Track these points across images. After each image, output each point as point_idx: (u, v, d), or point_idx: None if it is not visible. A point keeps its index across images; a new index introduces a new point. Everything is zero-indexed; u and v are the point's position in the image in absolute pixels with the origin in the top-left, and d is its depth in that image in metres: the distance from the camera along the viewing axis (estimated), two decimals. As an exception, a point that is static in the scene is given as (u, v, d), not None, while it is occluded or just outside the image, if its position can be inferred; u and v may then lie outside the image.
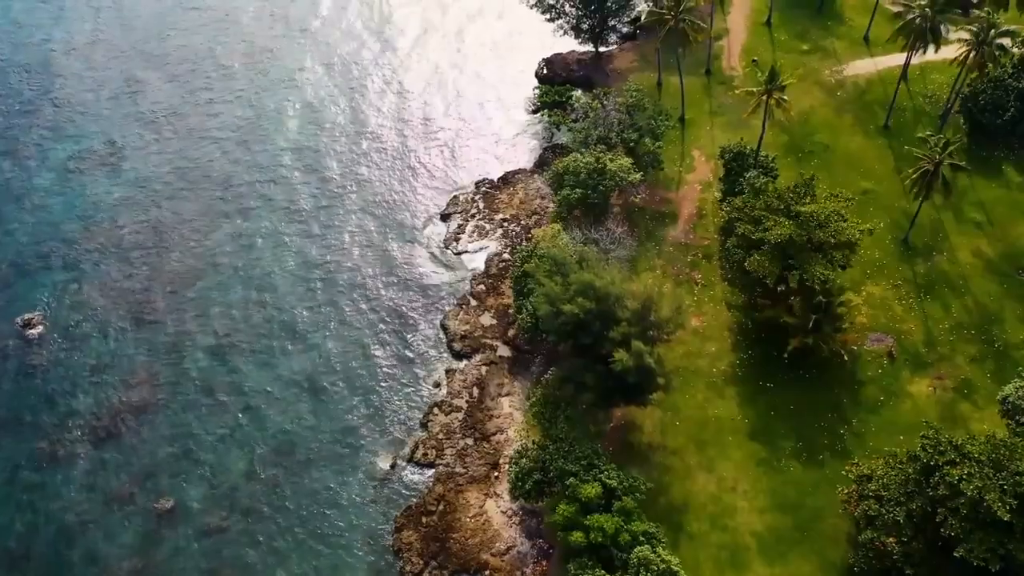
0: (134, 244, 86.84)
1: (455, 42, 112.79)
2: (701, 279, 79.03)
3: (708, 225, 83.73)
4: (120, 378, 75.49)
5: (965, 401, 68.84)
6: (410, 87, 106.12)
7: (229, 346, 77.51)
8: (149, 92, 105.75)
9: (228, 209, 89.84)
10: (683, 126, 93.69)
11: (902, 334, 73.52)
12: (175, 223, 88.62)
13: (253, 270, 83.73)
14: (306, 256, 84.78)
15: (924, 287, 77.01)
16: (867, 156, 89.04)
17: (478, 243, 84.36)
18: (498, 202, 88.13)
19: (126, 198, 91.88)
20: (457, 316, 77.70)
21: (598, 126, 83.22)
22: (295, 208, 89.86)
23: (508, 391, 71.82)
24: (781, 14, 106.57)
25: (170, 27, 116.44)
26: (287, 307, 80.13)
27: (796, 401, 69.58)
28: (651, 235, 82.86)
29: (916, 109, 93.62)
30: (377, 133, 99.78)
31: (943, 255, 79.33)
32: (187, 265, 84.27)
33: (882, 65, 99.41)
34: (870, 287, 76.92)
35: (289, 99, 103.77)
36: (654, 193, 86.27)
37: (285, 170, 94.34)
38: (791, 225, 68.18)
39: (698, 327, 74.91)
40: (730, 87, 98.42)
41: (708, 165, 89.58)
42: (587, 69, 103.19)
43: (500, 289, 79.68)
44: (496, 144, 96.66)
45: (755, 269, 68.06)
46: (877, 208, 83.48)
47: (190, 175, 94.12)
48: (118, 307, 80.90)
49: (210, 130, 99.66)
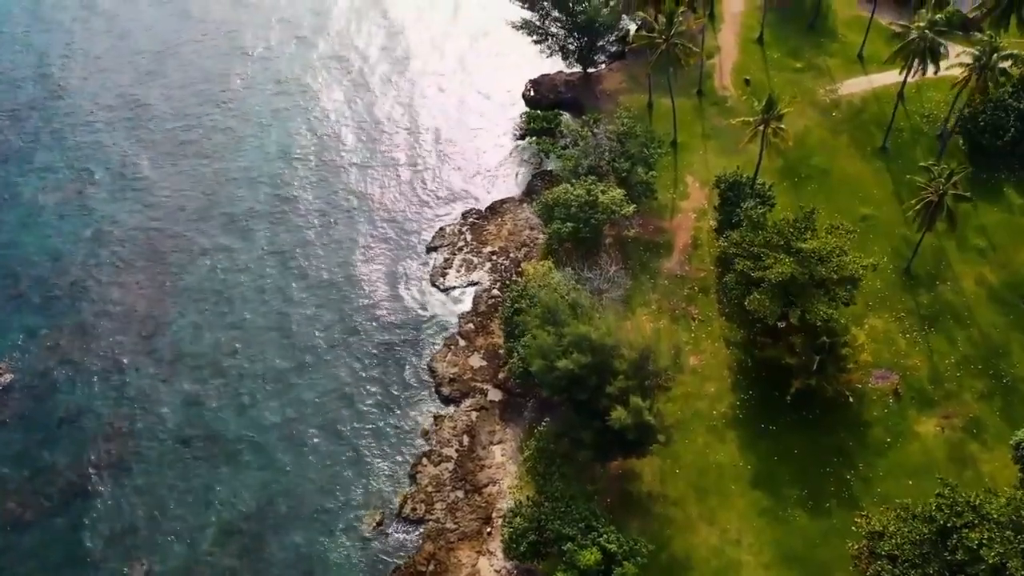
0: (108, 283, 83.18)
1: (439, 64, 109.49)
2: (698, 314, 76.20)
3: (704, 256, 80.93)
4: (92, 430, 71.91)
5: (974, 441, 66.33)
6: (393, 112, 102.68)
7: (205, 394, 74.02)
8: (125, 118, 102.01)
9: (205, 245, 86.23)
10: (675, 150, 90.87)
11: (907, 370, 70.95)
12: (150, 261, 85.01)
13: (230, 311, 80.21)
14: (286, 295, 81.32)
15: (928, 319, 74.49)
16: (865, 180, 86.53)
17: (466, 278, 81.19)
18: (486, 233, 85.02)
19: (100, 233, 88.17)
20: (445, 358, 74.53)
21: (588, 155, 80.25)
22: (274, 244, 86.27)
23: (500, 439, 68.73)
24: (773, 31, 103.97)
25: (149, 46, 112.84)
26: (266, 352, 76.66)
27: (800, 444, 66.86)
28: (645, 267, 79.97)
29: (914, 129, 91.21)
30: (359, 161, 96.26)
31: (946, 284, 76.85)
32: (162, 306, 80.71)
33: (877, 83, 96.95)
34: (872, 319, 74.36)
35: (264, 129, 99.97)
36: (647, 222, 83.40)
37: (263, 203, 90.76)
38: (791, 263, 65.52)
39: (696, 366, 72.06)
40: (723, 108, 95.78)
41: (702, 192, 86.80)
42: (575, 90, 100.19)
43: (489, 328, 76.57)
44: (483, 171, 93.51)
45: (755, 309, 65.43)
46: (877, 235, 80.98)
47: (166, 208, 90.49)
48: (91, 353, 77.26)
49: (185, 161, 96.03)
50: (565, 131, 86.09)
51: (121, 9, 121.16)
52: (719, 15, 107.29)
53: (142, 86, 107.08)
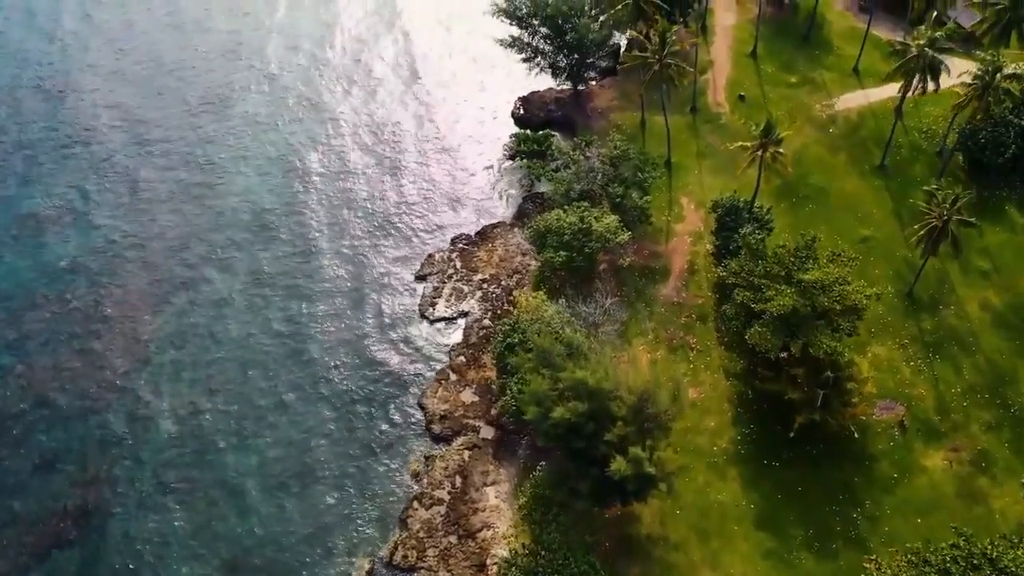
0: (85, 318, 79.95)
1: (424, 83, 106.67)
2: (696, 344, 73.84)
3: (701, 281, 78.61)
4: (68, 476, 68.79)
5: (983, 475, 64.23)
6: (377, 135, 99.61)
7: (187, 435, 71.03)
8: (104, 141, 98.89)
9: (185, 276, 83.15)
10: (669, 171, 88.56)
11: (912, 400, 68.83)
12: (128, 293, 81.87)
13: (211, 347, 77.23)
14: (269, 329, 78.36)
15: (932, 346, 72.39)
16: (864, 199, 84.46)
17: (456, 308, 78.52)
18: (476, 260, 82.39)
19: (77, 264, 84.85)
20: (436, 393, 71.88)
21: (581, 179, 77.80)
22: (256, 277, 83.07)
23: (494, 479, 66.12)
24: (766, 44, 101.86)
25: (134, 64, 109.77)
26: (248, 389, 73.68)
27: (804, 481, 64.59)
28: (641, 294, 77.58)
29: (912, 145, 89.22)
30: (343, 186, 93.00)
31: (950, 309, 74.79)
32: (141, 343, 77.62)
33: (874, 97, 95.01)
34: (875, 347, 72.22)
35: (246, 158, 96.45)
36: (642, 246, 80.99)
37: (244, 233, 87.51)
38: (793, 294, 63.28)
39: (695, 399, 69.61)
40: (717, 125, 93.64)
41: (698, 214, 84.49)
42: (566, 108, 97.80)
43: (481, 360, 73.96)
44: (472, 194, 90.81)
45: (756, 342, 63.22)
46: (878, 258, 78.93)
47: (145, 238, 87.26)
48: (66, 393, 74.12)
49: (166, 188, 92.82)
50: (556, 154, 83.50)
51: (113, 21, 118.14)
52: (711, 28, 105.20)
53: (120, 109, 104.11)
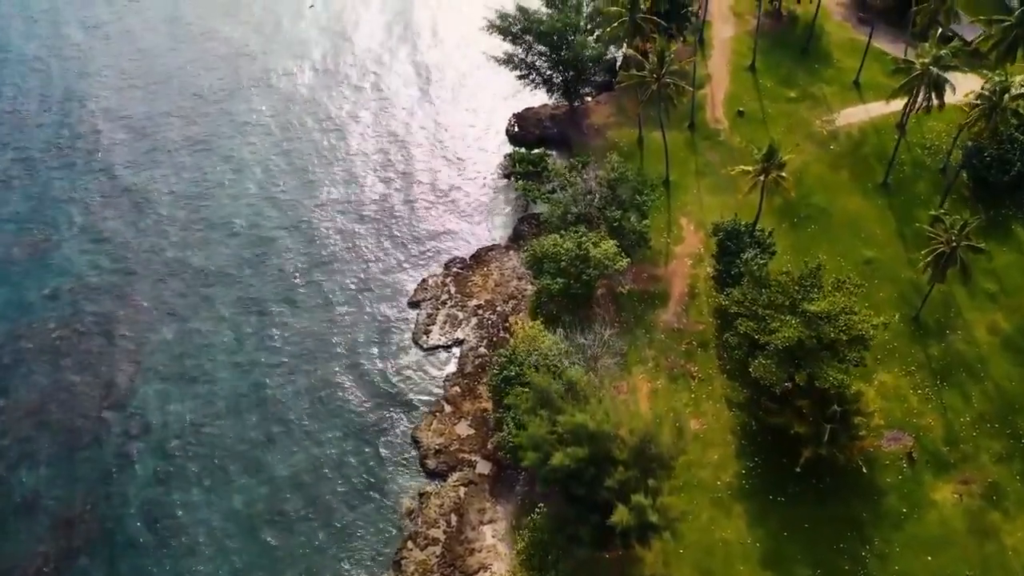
0: (67, 349, 77.52)
1: (416, 99, 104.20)
2: (698, 372, 71.83)
3: (702, 306, 76.60)
4: (51, 516, 66.45)
5: (995, 509, 62.43)
6: (368, 154, 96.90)
7: (171, 472, 68.73)
8: (90, 158, 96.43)
9: (173, 304, 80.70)
10: (668, 190, 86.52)
11: (920, 430, 66.99)
12: (112, 323, 79.40)
13: (199, 378, 74.87)
14: (258, 360, 76.01)
15: (940, 372, 70.55)
16: (867, 219, 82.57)
17: (451, 335, 76.34)
18: (471, 285, 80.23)
19: (59, 292, 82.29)
20: (430, 426, 69.73)
21: (578, 202, 75.70)
22: (245, 303, 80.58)
23: (491, 517, 64.01)
24: (765, 57, 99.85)
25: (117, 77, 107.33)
26: (236, 423, 71.33)
27: (810, 517, 62.68)
28: (640, 320, 75.54)
29: (915, 162, 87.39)
30: (334, 210, 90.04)
31: (957, 333, 72.96)
32: (125, 375, 75.23)
33: (875, 112, 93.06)
34: (882, 374, 70.30)
35: (234, 179, 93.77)
36: (641, 270, 78.92)
37: (232, 258, 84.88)
38: (798, 325, 61.42)
39: (698, 430, 67.66)
40: (715, 142, 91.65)
41: (697, 235, 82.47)
42: (561, 125, 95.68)
43: (477, 391, 71.85)
44: (466, 215, 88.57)
45: (761, 375, 61.38)
46: (882, 280, 77.05)
47: (131, 263, 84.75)
48: (47, 430, 71.70)
49: (154, 211, 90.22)
50: (552, 175, 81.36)
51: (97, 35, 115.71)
52: (708, 41, 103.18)
53: (109, 121, 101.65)
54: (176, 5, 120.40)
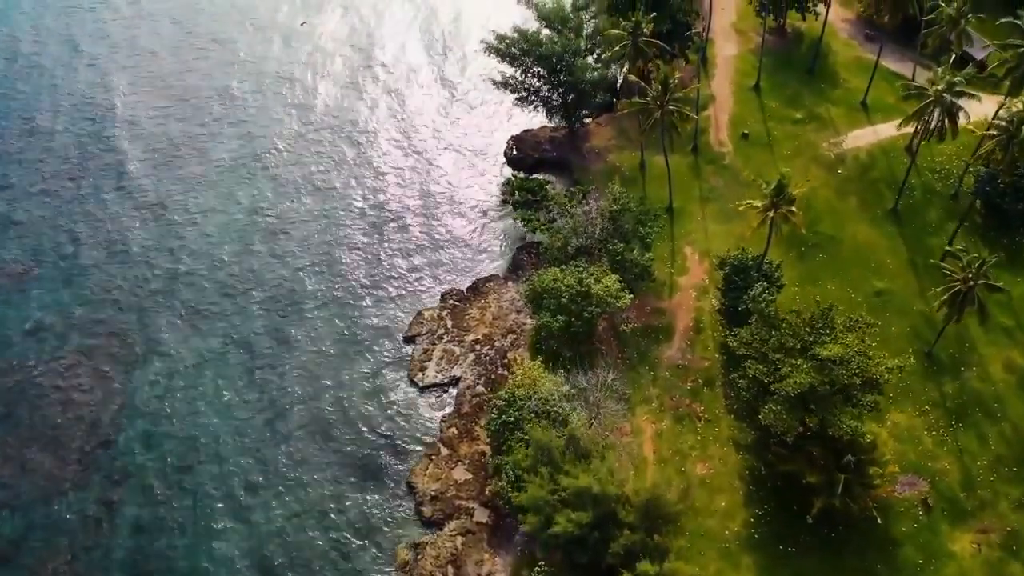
0: (49, 387, 74.65)
1: (412, 122, 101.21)
2: (703, 412, 69.18)
3: (707, 341, 73.93)
4: (28, 571, 63.56)
5: (1015, 560, 59.95)
6: (360, 178, 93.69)
7: (157, 519, 66.01)
8: (74, 186, 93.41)
9: (159, 338, 77.87)
10: (671, 217, 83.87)
11: (936, 474, 64.43)
12: (96, 359, 76.53)
13: (185, 418, 72.06)
14: (247, 399, 73.20)
15: (955, 412, 68.00)
16: (877, 248, 80.00)
17: (447, 372, 73.58)
18: (468, 318, 77.48)
19: (41, 326, 79.42)
20: (426, 470, 66.99)
21: (579, 234, 73.03)
22: (233, 339, 77.66)
23: (489, 570, 61.34)
24: (770, 77, 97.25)
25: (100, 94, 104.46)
26: (222, 468, 68.47)
27: (823, 570, 60.17)
28: (643, 356, 72.88)
29: (925, 187, 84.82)
30: (324, 237, 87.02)
31: (972, 370, 70.44)
32: (109, 414, 72.38)
33: (884, 134, 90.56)
34: (895, 414, 67.73)
35: (224, 202, 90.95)
36: (644, 302, 76.25)
37: (221, 288, 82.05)
38: (810, 370, 58.72)
39: (704, 476, 65.10)
40: (719, 167, 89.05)
41: (702, 265, 79.82)
42: (561, 148, 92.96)
43: (474, 432, 69.15)
44: (463, 244, 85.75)
45: (771, 422, 58.69)
46: (894, 313, 74.51)
47: (116, 296, 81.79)
48: (27, 474, 68.89)
49: (138, 239, 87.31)
50: (552, 204, 78.64)
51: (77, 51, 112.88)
52: (711, 59, 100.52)
53: (91, 150, 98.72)
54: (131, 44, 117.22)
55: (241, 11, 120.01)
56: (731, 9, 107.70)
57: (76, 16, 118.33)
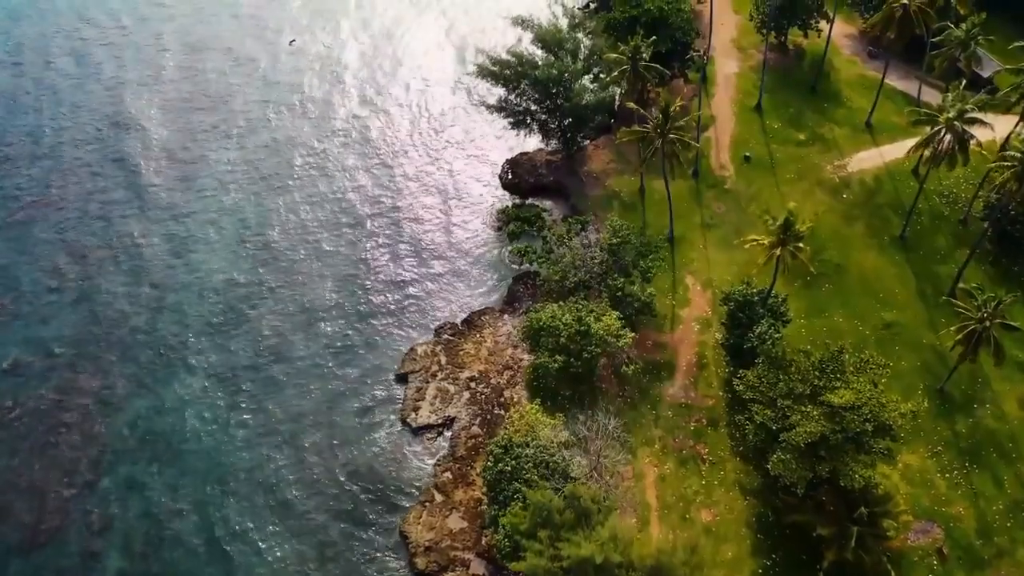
0: (26, 430, 71.54)
1: (403, 144, 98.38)
2: (708, 454, 66.56)
3: (711, 378, 71.33)
4: (6, 626, 60.93)
5: (1034, 612, 57.39)
6: (349, 204, 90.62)
7: (141, 573, 63.07)
8: (53, 217, 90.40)
9: (140, 378, 74.71)
10: (672, 245, 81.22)
11: (951, 520, 61.88)
12: (77, 397, 73.55)
13: (169, 463, 69.06)
14: (233, 441, 70.10)
15: (969, 453, 65.49)
16: (885, 276, 77.51)
17: (442, 412, 70.79)
18: (463, 354, 74.72)
19: (19, 365, 76.33)
20: (420, 518, 64.24)
21: (577, 269, 70.36)
22: (219, 375, 74.65)
23: (486, 627, 58.65)
24: (772, 96, 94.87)
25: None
26: (205, 515, 65.36)
27: (835, 625, 57.47)
28: (645, 394, 70.23)
29: (933, 212, 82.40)
30: (313, 266, 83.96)
31: (986, 408, 67.93)
32: (89, 457, 69.42)
33: (889, 156, 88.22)
34: (906, 455, 65.05)
35: (208, 229, 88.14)
36: (645, 336, 73.61)
37: (204, 322, 78.85)
38: (820, 417, 56.18)
39: (710, 523, 62.47)
40: (721, 191, 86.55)
41: (705, 296, 77.25)
42: (558, 172, 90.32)
43: (470, 477, 66.41)
44: (457, 275, 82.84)
45: (780, 472, 56.16)
46: (903, 346, 72.00)
47: (97, 331, 78.77)
48: (6, 521, 65.79)
49: (121, 272, 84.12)
50: (548, 235, 75.94)
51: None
52: (712, 77, 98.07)
53: (71, 176, 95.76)
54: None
55: (231, 28, 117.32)
56: (731, 25, 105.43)
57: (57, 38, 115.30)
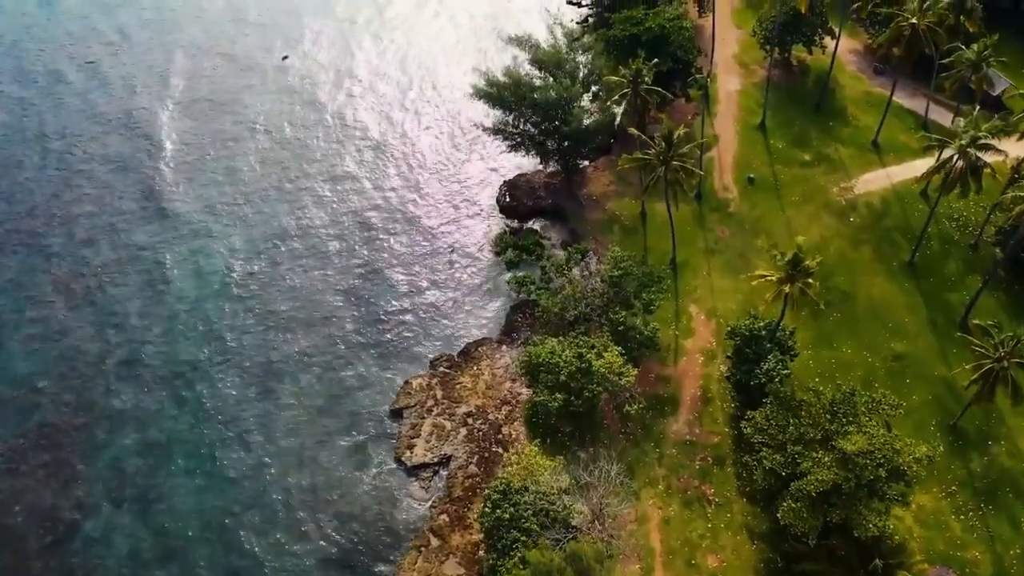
0: (6, 471, 68.89)
1: (397, 165, 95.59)
2: (714, 495, 64.16)
3: (716, 413, 68.95)
4: None
5: (1055, 665, 55.10)
6: (342, 227, 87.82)
7: (125, 622, 60.79)
8: (37, 241, 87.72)
9: (126, 413, 72.12)
10: (675, 272, 78.83)
11: (967, 565, 59.62)
12: (60, 434, 70.93)
13: (155, 504, 66.51)
14: (221, 483, 67.34)
15: (984, 493, 63.19)
16: (895, 305, 75.19)
17: (438, 450, 68.31)
18: (460, 387, 72.27)
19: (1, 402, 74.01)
20: (415, 564, 61.79)
21: (578, 302, 67.96)
22: (204, 410, 71.85)
23: None
24: (775, 114, 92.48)
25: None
26: (192, 559, 62.74)
27: None
28: (648, 431, 67.84)
29: (943, 236, 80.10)
30: (303, 294, 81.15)
31: (1001, 444, 65.66)
32: (70, 502, 66.83)
33: (897, 177, 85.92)
34: (919, 495, 62.68)
35: (185, 262, 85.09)
36: (648, 369, 71.19)
37: (192, 353, 76.12)
38: (832, 463, 53.89)
39: (716, 569, 60.14)
40: (725, 214, 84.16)
41: (709, 326, 74.84)
42: (557, 195, 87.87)
43: (467, 520, 63.96)
44: (453, 303, 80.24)
45: (791, 522, 53.87)
46: (914, 379, 69.73)
47: (82, 363, 76.09)
48: (-17, 568, 63.56)
49: (107, 302, 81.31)
50: (547, 265, 73.51)
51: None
52: (713, 95, 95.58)
53: (56, 201, 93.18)
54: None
55: (221, 44, 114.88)
56: (732, 40, 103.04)
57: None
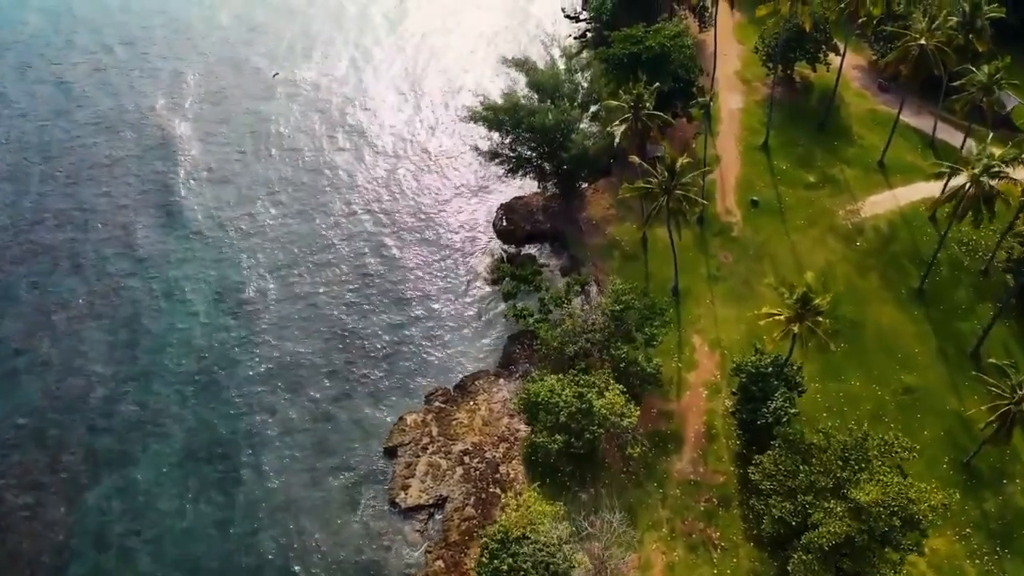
0: (-10, 507, 66.88)
1: (391, 188, 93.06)
2: (720, 539, 61.84)
3: (721, 451, 66.65)
4: None
5: None
6: (333, 255, 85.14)
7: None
8: (14, 270, 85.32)
9: (109, 454, 69.43)
10: (677, 300, 76.56)
11: (983, 614, 57.48)
12: (41, 476, 68.40)
13: (140, 547, 64.00)
14: (204, 524, 64.59)
15: (1000, 535, 60.99)
16: (904, 334, 73.00)
17: (433, 491, 65.87)
18: (456, 424, 69.90)
19: (-19, 436, 71.63)
20: (410, 614, 59.51)
21: (577, 337, 65.66)
22: (190, 450, 69.18)
23: None
24: (779, 133, 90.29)
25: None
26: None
27: None
28: (651, 470, 65.51)
29: (952, 262, 77.90)
30: (295, 325, 78.62)
31: (1015, 483, 63.50)
32: (54, 545, 63.98)
33: (904, 199, 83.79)
34: (933, 539, 60.30)
35: (169, 292, 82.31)
36: (650, 403, 68.92)
37: (176, 390, 73.26)
38: (845, 514, 51.68)
39: (723, 619, 57.91)
40: (728, 239, 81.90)
41: (712, 358, 72.56)
42: (555, 218, 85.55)
43: (463, 566, 61.57)
44: (449, 333, 77.79)
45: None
46: (925, 414, 67.55)
47: (62, 402, 73.39)
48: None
49: (88, 334, 78.65)
50: (545, 297, 71.22)
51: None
52: (715, 113, 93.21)
53: (36, 227, 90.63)
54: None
55: (213, 60, 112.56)
56: (734, 56, 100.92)
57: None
